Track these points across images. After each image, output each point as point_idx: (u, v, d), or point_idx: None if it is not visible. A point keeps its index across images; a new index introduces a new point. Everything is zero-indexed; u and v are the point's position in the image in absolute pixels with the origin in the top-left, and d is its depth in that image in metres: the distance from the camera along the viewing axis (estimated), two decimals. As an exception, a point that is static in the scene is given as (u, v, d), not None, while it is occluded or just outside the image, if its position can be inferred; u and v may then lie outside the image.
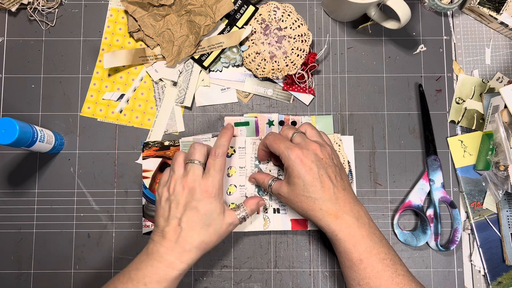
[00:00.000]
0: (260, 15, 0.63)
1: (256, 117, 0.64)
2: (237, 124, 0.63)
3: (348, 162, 0.63)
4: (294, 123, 0.64)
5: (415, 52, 0.66)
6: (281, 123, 0.64)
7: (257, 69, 0.63)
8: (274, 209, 0.61)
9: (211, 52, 0.63)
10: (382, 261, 0.51)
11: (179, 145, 0.63)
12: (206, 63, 0.63)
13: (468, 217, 0.63)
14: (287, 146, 0.53)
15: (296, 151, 0.52)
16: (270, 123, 0.64)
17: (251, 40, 0.63)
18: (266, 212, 0.61)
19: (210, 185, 0.52)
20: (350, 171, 0.63)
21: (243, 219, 0.55)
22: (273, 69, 0.63)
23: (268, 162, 0.62)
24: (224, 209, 0.54)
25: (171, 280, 0.50)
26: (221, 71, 0.65)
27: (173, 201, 0.52)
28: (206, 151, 0.55)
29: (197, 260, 0.52)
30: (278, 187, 0.55)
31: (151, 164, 0.63)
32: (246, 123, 0.63)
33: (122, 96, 0.64)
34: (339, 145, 0.63)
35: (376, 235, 0.52)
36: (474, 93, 0.65)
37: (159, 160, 0.63)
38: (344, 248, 0.52)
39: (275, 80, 0.65)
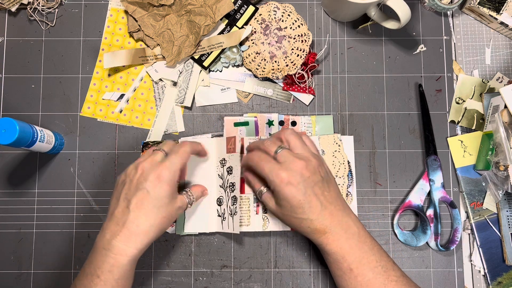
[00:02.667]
0: (260, 15, 0.63)
1: (255, 117, 0.64)
2: (237, 124, 0.63)
3: (348, 162, 0.63)
4: (294, 123, 0.64)
5: (415, 52, 0.66)
6: (281, 123, 0.64)
7: (257, 69, 0.63)
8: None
9: (211, 52, 0.63)
10: (373, 269, 0.51)
11: (179, 145, 0.63)
12: (206, 63, 0.63)
13: (468, 217, 0.63)
14: (272, 169, 0.52)
15: (281, 175, 0.51)
16: (270, 123, 0.64)
17: (251, 40, 0.63)
18: (266, 213, 0.61)
19: (165, 170, 0.51)
20: (350, 171, 0.63)
21: (190, 203, 0.56)
22: (273, 69, 0.63)
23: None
24: (175, 194, 0.53)
25: (122, 267, 0.49)
26: (221, 71, 0.65)
27: (126, 183, 0.52)
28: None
29: (147, 246, 0.51)
30: (267, 200, 0.55)
31: (151, 164, 0.63)
32: (245, 123, 0.63)
33: (122, 96, 0.64)
34: (339, 145, 0.63)
35: (366, 243, 0.52)
36: (474, 93, 0.65)
37: (159, 160, 0.63)
38: (333, 259, 0.52)
39: (275, 80, 0.65)
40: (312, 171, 0.52)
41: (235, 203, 0.60)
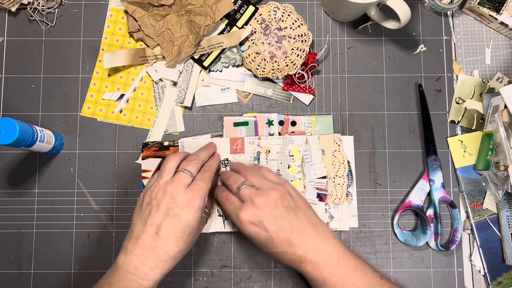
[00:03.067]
0: (260, 15, 0.63)
1: (255, 117, 0.64)
2: (236, 124, 0.63)
3: (348, 162, 0.63)
4: (294, 123, 0.64)
5: (415, 52, 0.66)
6: (281, 123, 0.64)
7: (257, 69, 0.63)
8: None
9: (211, 52, 0.63)
10: None
11: (178, 146, 0.63)
12: (206, 63, 0.63)
13: (468, 217, 0.63)
14: (233, 210, 0.52)
15: (243, 216, 0.51)
16: (270, 123, 0.64)
17: (251, 40, 0.63)
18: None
19: (195, 196, 0.51)
20: (350, 171, 0.63)
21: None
22: (273, 69, 0.63)
23: None
24: (202, 216, 0.54)
25: None
26: (221, 71, 0.65)
27: (154, 206, 0.51)
28: (200, 166, 0.55)
29: (171, 269, 0.51)
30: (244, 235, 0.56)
31: (150, 164, 0.63)
32: (245, 123, 0.63)
33: (122, 96, 0.64)
34: (339, 145, 0.63)
35: (348, 265, 0.51)
36: (474, 93, 0.65)
37: (158, 160, 0.63)
38: (315, 285, 0.52)
39: (275, 80, 0.65)
40: (273, 205, 0.51)
41: None
